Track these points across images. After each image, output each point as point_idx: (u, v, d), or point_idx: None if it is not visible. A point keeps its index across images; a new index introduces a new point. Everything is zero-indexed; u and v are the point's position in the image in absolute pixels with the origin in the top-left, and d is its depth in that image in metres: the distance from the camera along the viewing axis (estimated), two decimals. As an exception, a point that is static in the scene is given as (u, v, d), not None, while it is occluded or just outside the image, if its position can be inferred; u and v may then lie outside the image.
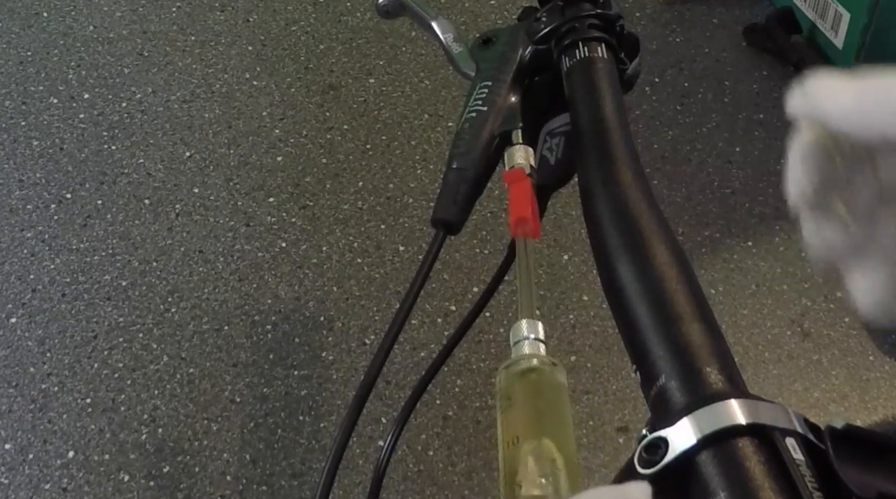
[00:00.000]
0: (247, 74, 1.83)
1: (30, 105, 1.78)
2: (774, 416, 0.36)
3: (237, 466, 1.31)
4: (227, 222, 1.59)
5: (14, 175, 1.67)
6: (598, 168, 0.46)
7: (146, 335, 1.45)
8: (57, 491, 1.29)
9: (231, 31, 1.91)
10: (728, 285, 1.48)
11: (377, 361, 0.60)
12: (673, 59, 1.79)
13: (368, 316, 1.46)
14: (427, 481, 1.29)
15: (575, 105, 0.50)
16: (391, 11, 0.56)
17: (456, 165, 0.50)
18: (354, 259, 1.53)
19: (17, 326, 1.46)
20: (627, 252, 0.43)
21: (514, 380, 0.43)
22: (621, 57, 0.55)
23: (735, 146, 1.65)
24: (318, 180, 1.64)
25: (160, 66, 1.85)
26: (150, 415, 1.36)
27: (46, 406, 1.37)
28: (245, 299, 1.49)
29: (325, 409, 1.37)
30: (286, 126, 1.73)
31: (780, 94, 1.72)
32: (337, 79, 1.81)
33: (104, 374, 1.41)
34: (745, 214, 1.56)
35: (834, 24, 1.66)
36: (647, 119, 1.69)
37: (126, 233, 1.58)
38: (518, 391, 0.42)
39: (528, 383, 0.42)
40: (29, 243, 1.57)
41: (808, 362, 1.40)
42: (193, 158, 1.69)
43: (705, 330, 0.41)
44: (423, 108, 1.75)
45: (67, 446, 1.33)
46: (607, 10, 0.56)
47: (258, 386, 1.39)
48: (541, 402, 0.42)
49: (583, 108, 0.45)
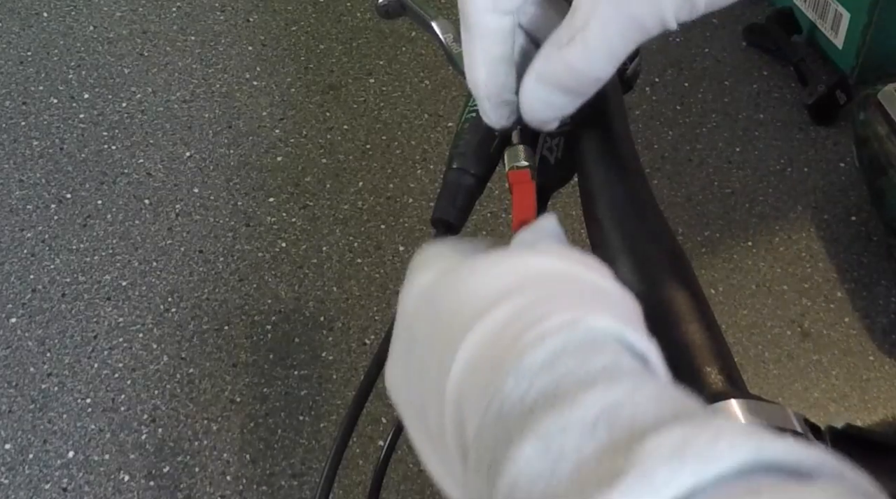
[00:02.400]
0: (247, 74, 1.83)
1: (30, 105, 1.78)
2: (774, 416, 0.36)
3: (237, 466, 1.31)
4: (227, 222, 1.59)
5: (14, 175, 1.67)
6: (597, 168, 0.46)
7: (146, 335, 1.45)
8: (57, 491, 1.29)
9: (231, 31, 1.91)
10: (728, 285, 1.48)
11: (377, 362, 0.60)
12: (673, 59, 1.79)
13: (368, 316, 1.46)
14: (427, 481, 1.29)
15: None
16: (391, 12, 0.56)
17: (456, 165, 0.50)
18: (354, 259, 1.53)
19: (17, 326, 1.46)
20: (627, 253, 0.43)
21: None
22: None
23: (735, 146, 1.65)
24: (318, 180, 1.64)
25: (160, 66, 1.85)
26: (150, 415, 1.36)
27: (46, 406, 1.37)
28: (245, 299, 1.49)
29: (325, 409, 1.37)
30: (286, 126, 1.73)
31: (780, 94, 1.72)
32: (337, 79, 1.81)
33: (104, 374, 1.41)
34: (745, 214, 1.56)
35: (834, 24, 1.65)
36: (647, 119, 1.69)
37: (126, 233, 1.58)
38: None
39: None
40: (29, 243, 1.57)
41: (808, 362, 1.40)
42: (193, 158, 1.69)
43: (705, 330, 0.41)
44: (423, 108, 1.75)
45: (67, 446, 1.33)
46: None
47: (258, 386, 1.39)
48: None
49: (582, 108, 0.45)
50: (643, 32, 0.39)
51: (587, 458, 0.27)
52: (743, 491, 0.25)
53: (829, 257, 1.49)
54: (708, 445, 0.25)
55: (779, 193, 1.58)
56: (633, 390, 0.29)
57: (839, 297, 1.45)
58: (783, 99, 1.71)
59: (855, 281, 1.46)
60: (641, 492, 0.25)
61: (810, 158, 1.62)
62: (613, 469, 0.26)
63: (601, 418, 0.28)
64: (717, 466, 0.25)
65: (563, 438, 0.28)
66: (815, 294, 1.46)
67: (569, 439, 0.28)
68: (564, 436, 0.28)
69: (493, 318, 0.33)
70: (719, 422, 0.26)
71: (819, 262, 1.49)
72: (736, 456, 0.25)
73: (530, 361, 0.30)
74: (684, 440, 0.26)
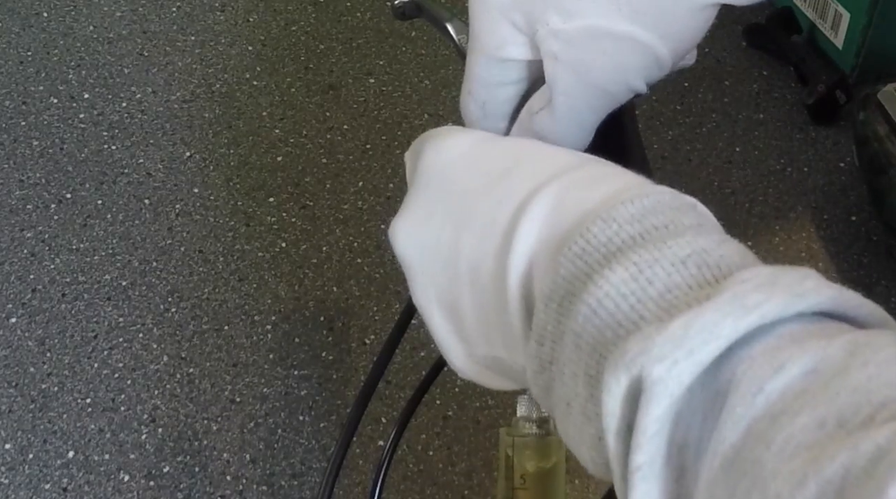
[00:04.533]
0: (247, 74, 1.83)
1: (30, 105, 1.78)
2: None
3: (237, 466, 1.31)
4: (227, 222, 1.59)
5: (14, 175, 1.67)
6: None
7: (146, 335, 1.45)
8: (57, 491, 1.29)
9: (231, 31, 1.91)
10: (728, 285, 1.48)
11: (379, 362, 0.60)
12: (673, 59, 1.78)
13: (368, 316, 1.46)
14: (427, 481, 1.29)
15: None
16: (407, 13, 0.56)
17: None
18: (354, 259, 1.53)
19: (17, 326, 1.46)
20: None
21: (529, 463, 0.48)
22: None
23: (735, 146, 1.65)
24: (318, 180, 1.64)
25: (160, 66, 1.85)
26: (150, 415, 1.36)
27: (46, 406, 1.37)
28: (245, 299, 1.49)
29: (325, 409, 1.37)
30: (286, 126, 1.73)
31: (780, 94, 1.72)
32: (337, 79, 1.81)
33: (104, 374, 1.41)
34: (745, 214, 1.56)
35: (834, 24, 1.66)
36: (647, 119, 1.69)
37: (126, 233, 1.58)
38: (533, 479, 0.47)
39: (546, 477, 0.47)
40: (29, 243, 1.57)
41: (808, 362, 1.40)
42: (193, 158, 1.69)
43: None
44: (423, 109, 1.75)
45: (67, 446, 1.33)
46: None
47: (258, 386, 1.39)
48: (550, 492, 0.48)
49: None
50: (612, 100, 0.39)
51: (677, 284, 0.28)
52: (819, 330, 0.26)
53: (829, 257, 1.49)
54: (797, 282, 0.27)
55: (779, 193, 1.58)
56: (721, 241, 0.30)
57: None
58: (783, 99, 1.71)
59: (855, 281, 1.46)
60: (731, 311, 0.26)
61: (810, 157, 1.62)
62: (703, 295, 0.27)
63: (691, 256, 0.28)
64: (804, 301, 0.26)
65: (654, 267, 0.28)
66: (815, 294, 1.46)
67: (659, 269, 0.28)
68: (655, 266, 0.28)
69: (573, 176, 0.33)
70: (804, 268, 0.28)
71: (819, 262, 1.49)
72: (820, 296, 0.26)
73: (620, 211, 0.30)
74: (774, 276, 0.27)
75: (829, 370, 0.24)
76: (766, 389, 0.25)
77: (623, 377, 0.26)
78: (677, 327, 0.26)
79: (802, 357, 0.25)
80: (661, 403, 0.26)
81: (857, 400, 0.23)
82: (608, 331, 0.28)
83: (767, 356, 0.25)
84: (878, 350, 0.25)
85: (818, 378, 0.24)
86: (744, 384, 0.25)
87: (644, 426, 0.26)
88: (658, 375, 0.25)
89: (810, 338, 0.26)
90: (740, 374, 0.25)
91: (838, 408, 0.23)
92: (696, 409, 0.26)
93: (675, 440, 0.26)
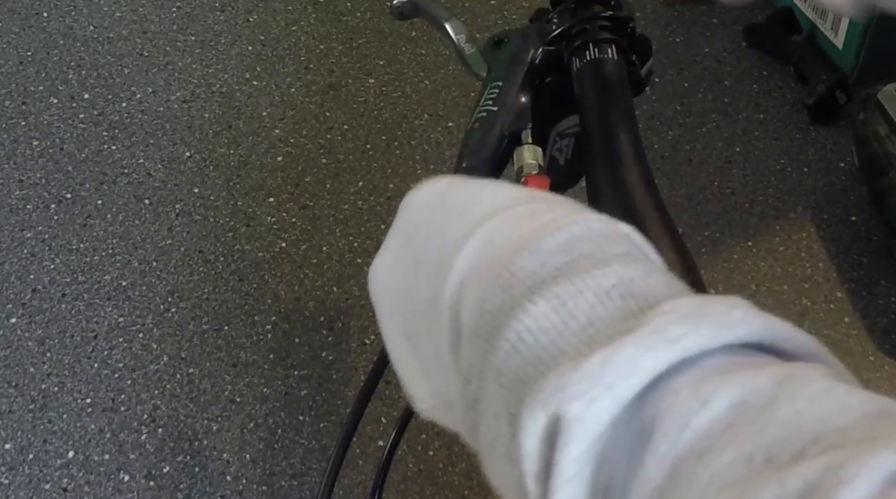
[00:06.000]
0: (247, 74, 1.83)
1: (30, 105, 1.78)
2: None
3: (237, 466, 1.31)
4: (227, 222, 1.59)
5: (14, 175, 1.67)
6: (605, 169, 0.46)
7: (146, 335, 1.45)
8: (57, 491, 1.29)
9: (231, 31, 1.91)
10: (728, 285, 1.48)
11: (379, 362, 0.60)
12: (673, 59, 1.79)
13: (368, 316, 1.46)
14: (427, 481, 1.29)
15: (584, 106, 0.50)
16: (405, 13, 0.56)
17: (466, 164, 0.50)
18: (354, 259, 1.53)
19: (17, 326, 1.46)
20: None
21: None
22: (632, 58, 0.55)
23: (735, 146, 1.65)
24: (318, 180, 1.64)
25: (160, 66, 1.85)
26: (150, 415, 1.36)
27: (46, 406, 1.37)
28: (245, 299, 1.49)
29: (325, 409, 1.36)
30: (286, 126, 1.73)
31: (780, 94, 1.72)
32: (337, 79, 1.81)
33: (104, 374, 1.40)
34: (745, 214, 1.56)
35: (834, 24, 1.66)
36: (647, 119, 1.69)
37: (126, 233, 1.58)
38: None
39: None
40: (29, 243, 1.56)
41: (808, 363, 1.40)
42: (193, 158, 1.69)
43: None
44: (423, 109, 1.75)
45: (67, 446, 1.33)
46: (618, 12, 0.56)
47: (258, 386, 1.39)
48: None
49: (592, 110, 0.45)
50: None
51: (601, 316, 0.27)
52: (747, 362, 0.25)
53: (829, 257, 1.49)
54: (725, 312, 0.26)
55: (779, 193, 1.58)
56: (648, 272, 0.29)
57: (839, 297, 1.45)
58: (783, 99, 1.71)
59: (855, 281, 1.46)
60: (654, 344, 0.25)
61: (810, 157, 1.62)
62: (626, 327, 0.26)
63: (616, 287, 0.28)
64: (732, 332, 0.25)
65: (577, 299, 0.27)
66: (815, 294, 1.46)
67: (582, 301, 0.27)
68: (578, 298, 0.27)
69: (511, 213, 0.33)
70: (732, 297, 0.27)
71: (819, 262, 1.49)
72: (749, 326, 0.26)
73: (548, 241, 0.29)
74: (701, 306, 0.26)
75: (757, 403, 0.23)
76: (692, 424, 0.23)
77: (540, 416, 0.25)
78: (595, 363, 0.25)
79: (729, 390, 0.24)
80: (579, 443, 0.24)
81: (786, 435, 0.22)
82: (529, 367, 0.27)
83: (692, 389, 0.24)
84: (807, 383, 0.24)
85: (746, 412, 0.23)
86: (668, 420, 0.24)
87: (561, 469, 0.24)
88: (575, 413, 0.24)
89: (737, 370, 0.25)
90: (664, 409, 0.24)
91: (766, 443, 0.22)
92: (622, 447, 0.25)
93: (600, 482, 0.25)
